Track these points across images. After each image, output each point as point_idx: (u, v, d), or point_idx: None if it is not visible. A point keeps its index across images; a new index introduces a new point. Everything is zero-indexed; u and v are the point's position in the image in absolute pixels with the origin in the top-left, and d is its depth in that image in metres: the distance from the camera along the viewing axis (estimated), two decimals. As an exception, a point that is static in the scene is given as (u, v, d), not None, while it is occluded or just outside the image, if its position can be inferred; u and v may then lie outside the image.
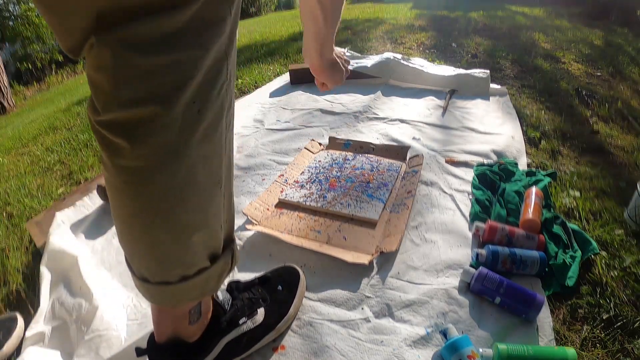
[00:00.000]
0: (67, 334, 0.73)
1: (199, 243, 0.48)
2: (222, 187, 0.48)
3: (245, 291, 0.69)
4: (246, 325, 0.65)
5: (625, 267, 0.81)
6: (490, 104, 1.60)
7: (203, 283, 0.52)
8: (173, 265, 0.48)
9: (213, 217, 0.49)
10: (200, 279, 0.51)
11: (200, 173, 0.44)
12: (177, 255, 0.48)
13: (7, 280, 0.90)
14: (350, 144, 1.29)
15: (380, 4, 5.17)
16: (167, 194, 0.43)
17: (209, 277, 0.52)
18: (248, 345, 0.66)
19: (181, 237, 0.46)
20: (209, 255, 0.51)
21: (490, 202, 0.99)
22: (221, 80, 0.43)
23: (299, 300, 0.74)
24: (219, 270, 0.54)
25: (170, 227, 0.45)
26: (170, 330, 0.57)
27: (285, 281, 0.74)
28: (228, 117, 0.47)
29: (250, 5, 8.48)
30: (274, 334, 0.69)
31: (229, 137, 0.48)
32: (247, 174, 1.19)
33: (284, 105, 1.71)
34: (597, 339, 0.68)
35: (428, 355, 0.66)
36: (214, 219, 0.49)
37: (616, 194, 1.06)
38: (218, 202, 0.49)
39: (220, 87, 0.43)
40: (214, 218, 0.49)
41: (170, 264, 0.48)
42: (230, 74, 0.45)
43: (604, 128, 1.48)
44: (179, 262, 0.48)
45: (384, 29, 3.15)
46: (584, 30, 3.10)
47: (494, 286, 0.73)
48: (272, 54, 2.75)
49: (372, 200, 1.00)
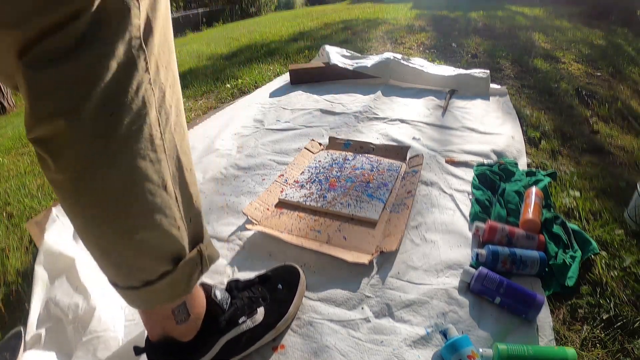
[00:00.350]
0: (63, 334, 0.73)
1: (152, 247, 0.47)
2: (167, 188, 0.46)
3: (245, 290, 0.69)
4: (246, 325, 0.64)
5: (625, 267, 0.81)
6: (490, 104, 1.60)
7: (170, 286, 0.51)
8: (131, 271, 0.48)
9: (164, 220, 0.47)
10: (166, 282, 0.50)
11: (136, 176, 0.43)
12: (131, 260, 0.47)
13: (7, 280, 0.90)
14: (350, 144, 1.29)
15: (380, 4, 5.17)
16: (104, 201, 0.42)
17: (176, 280, 0.51)
18: (248, 345, 0.66)
19: (130, 243, 0.45)
20: (171, 259, 0.50)
21: (490, 202, 0.99)
22: (137, 76, 0.40)
23: (299, 299, 0.74)
24: (187, 273, 0.52)
25: (117, 234, 0.45)
26: (160, 330, 0.57)
27: (286, 280, 0.74)
28: (163, 114, 0.44)
29: (250, 5, 8.49)
30: (273, 333, 0.69)
31: (169, 134, 0.45)
32: (247, 174, 1.19)
33: (284, 105, 1.71)
34: (597, 339, 0.68)
35: (428, 355, 0.66)
36: (165, 221, 0.47)
37: (616, 194, 1.06)
38: (166, 204, 0.46)
39: (138, 84, 0.40)
40: (166, 221, 0.47)
41: (127, 270, 0.48)
42: (152, 67, 0.42)
43: (604, 128, 1.48)
44: (135, 267, 0.48)
45: (384, 29, 3.15)
46: (584, 30, 3.10)
47: (494, 286, 0.73)
48: (272, 54, 2.75)
49: (372, 200, 1.00)
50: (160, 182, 0.45)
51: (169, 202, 0.47)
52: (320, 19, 4.42)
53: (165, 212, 0.47)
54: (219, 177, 1.18)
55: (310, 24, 4.04)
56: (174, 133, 0.47)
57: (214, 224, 0.98)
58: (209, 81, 2.25)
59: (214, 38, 4.89)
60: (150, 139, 0.43)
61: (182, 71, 2.78)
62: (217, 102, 1.91)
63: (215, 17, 13.15)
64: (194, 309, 0.58)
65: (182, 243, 0.50)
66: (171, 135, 0.46)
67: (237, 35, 4.34)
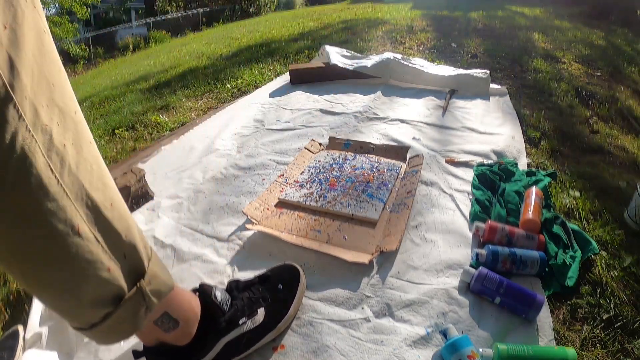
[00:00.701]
0: (65, 334, 0.73)
1: (86, 294, 0.45)
2: (81, 232, 0.42)
3: (245, 291, 0.69)
4: (246, 326, 0.64)
5: (625, 267, 0.81)
6: (490, 104, 1.60)
7: (116, 325, 0.49)
8: (74, 316, 0.47)
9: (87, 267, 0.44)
10: (110, 323, 0.48)
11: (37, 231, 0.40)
12: (71, 308, 0.46)
13: (7, 280, 0.90)
14: (350, 144, 1.29)
15: (380, 4, 5.17)
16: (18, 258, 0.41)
17: (120, 320, 0.49)
18: (248, 345, 0.66)
19: (62, 294, 0.44)
20: (110, 300, 0.47)
21: (490, 202, 0.99)
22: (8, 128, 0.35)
23: (299, 299, 0.73)
24: (130, 312, 0.49)
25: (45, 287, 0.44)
26: (153, 338, 0.56)
27: (286, 280, 0.74)
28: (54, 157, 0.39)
29: (250, 5, 8.49)
30: (274, 334, 0.69)
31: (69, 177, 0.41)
32: (247, 174, 1.19)
33: (284, 105, 1.71)
34: (597, 339, 0.68)
35: (428, 355, 0.66)
36: (89, 267, 0.44)
37: (616, 194, 1.06)
38: (85, 249, 0.43)
39: (12, 136, 0.35)
40: (90, 267, 0.44)
41: (71, 315, 0.47)
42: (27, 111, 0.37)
43: (604, 128, 1.48)
44: (76, 313, 0.47)
45: (384, 29, 3.16)
46: (584, 30, 3.11)
47: (494, 286, 0.73)
48: (272, 54, 2.75)
49: (372, 200, 1.00)
50: (69, 229, 0.41)
51: (88, 247, 0.43)
52: (320, 19, 4.42)
53: (86, 258, 0.43)
54: (219, 177, 1.18)
55: (310, 24, 4.04)
56: (77, 173, 0.42)
57: (214, 224, 0.98)
58: (209, 81, 2.25)
59: (214, 38, 4.89)
60: (43, 189, 0.39)
61: (182, 71, 2.79)
62: (217, 102, 1.91)
63: (215, 17, 13.16)
64: (181, 315, 0.57)
65: (117, 283, 0.47)
66: (73, 177, 0.41)
67: (237, 35, 4.34)
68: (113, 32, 14.06)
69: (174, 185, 1.16)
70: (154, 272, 0.53)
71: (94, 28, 14.98)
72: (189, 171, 1.23)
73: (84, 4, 12.06)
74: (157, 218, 1.02)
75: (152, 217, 1.03)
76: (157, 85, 2.43)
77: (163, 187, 1.16)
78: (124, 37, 13.51)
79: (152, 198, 1.10)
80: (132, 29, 14.46)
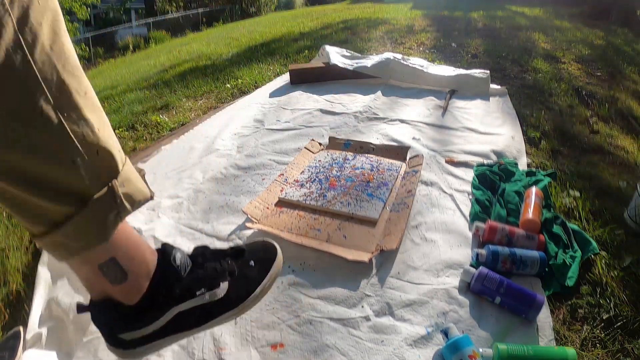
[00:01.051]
0: (64, 334, 0.73)
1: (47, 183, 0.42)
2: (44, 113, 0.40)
3: (213, 261, 0.61)
4: (204, 298, 0.57)
5: (625, 267, 0.81)
6: (490, 104, 1.60)
7: (79, 230, 0.45)
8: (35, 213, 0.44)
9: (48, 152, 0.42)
10: (72, 225, 0.44)
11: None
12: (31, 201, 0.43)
13: (7, 280, 0.90)
14: (350, 144, 1.29)
15: (380, 4, 5.17)
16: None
17: (84, 223, 0.45)
18: (201, 321, 0.59)
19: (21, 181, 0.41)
20: (72, 199, 0.44)
21: (490, 202, 0.99)
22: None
23: (270, 280, 0.65)
24: (97, 215, 0.46)
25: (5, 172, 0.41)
26: (99, 290, 0.52)
27: (260, 258, 0.66)
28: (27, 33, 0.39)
29: (250, 5, 8.49)
30: (234, 313, 0.61)
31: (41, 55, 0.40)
32: (247, 174, 1.19)
33: (284, 105, 1.71)
34: (597, 339, 0.68)
35: (429, 355, 0.66)
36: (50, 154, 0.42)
37: (616, 194, 1.06)
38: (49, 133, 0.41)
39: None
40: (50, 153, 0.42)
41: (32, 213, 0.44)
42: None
43: (604, 128, 1.48)
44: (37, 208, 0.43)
45: (384, 29, 3.16)
46: (584, 30, 3.11)
47: (494, 286, 0.73)
48: (272, 54, 2.75)
49: (372, 199, 1.00)
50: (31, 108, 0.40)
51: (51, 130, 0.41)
52: (320, 19, 4.42)
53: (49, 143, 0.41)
54: (219, 177, 1.18)
55: (310, 24, 4.04)
56: (51, 53, 0.41)
57: (214, 223, 0.98)
58: (209, 81, 2.25)
59: (214, 38, 4.89)
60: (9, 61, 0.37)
61: (182, 71, 2.78)
62: (217, 102, 1.91)
63: (215, 17, 13.16)
64: (132, 267, 0.51)
65: (82, 180, 0.44)
66: (46, 56, 0.40)
67: (237, 35, 4.34)
68: (113, 32, 14.05)
69: (174, 185, 1.16)
70: (127, 176, 0.49)
71: (94, 28, 14.97)
72: (189, 171, 1.23)
73: (84, 4, 12.05)
74: (157, 218, 1.02)
75: (152, 217, 1.03)
76: (157, 85, 2.43)
77: (163, 187, 1.16)
78: (124, 37, 13.51)
79: (152, 198, 1.10)
80: (132, 29, 14.46)
